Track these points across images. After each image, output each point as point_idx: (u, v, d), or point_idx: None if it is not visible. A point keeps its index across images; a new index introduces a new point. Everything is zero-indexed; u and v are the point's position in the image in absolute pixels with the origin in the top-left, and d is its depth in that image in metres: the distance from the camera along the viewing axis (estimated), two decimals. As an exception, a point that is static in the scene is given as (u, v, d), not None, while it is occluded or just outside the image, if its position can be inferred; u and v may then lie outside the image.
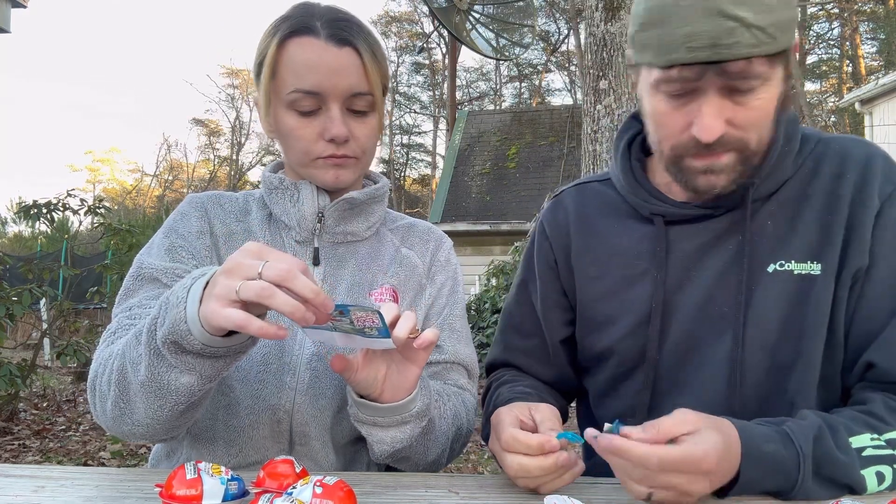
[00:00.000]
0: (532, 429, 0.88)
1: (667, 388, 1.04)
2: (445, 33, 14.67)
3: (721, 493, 0.82)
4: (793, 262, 0.97)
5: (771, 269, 0.98)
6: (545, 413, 0.90)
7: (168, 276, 1.02)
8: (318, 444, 1.05)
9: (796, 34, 0.91)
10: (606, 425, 0.80)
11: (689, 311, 1.02)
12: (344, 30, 1.03)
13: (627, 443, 0.76)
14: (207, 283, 0.77)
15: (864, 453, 0.85)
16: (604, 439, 0.77)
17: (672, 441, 0.77)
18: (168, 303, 0.79)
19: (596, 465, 1.11)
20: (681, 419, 0.78)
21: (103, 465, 4.15)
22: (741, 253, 0.99)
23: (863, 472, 0.83)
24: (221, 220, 1.11)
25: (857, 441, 0.86)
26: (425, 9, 15.33)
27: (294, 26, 1.03)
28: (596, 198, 1.14)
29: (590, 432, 0.79)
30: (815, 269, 0.97)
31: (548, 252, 1.16)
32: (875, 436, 0.86)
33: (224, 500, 0.78)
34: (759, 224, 1.00)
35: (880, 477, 0.84)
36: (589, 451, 1.15)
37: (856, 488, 0.84)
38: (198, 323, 0.76)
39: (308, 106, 1.03)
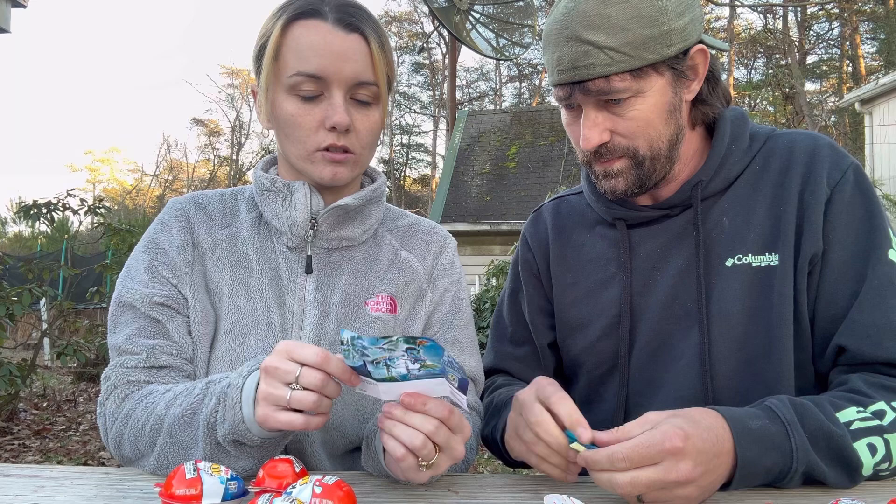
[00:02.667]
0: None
1: (641, 388, 1.07)
2: (445, 33, 14.66)
3: (726, 485, 0.82)
4: (750, 255, 1.01)
5: (729, 263, 1.02)
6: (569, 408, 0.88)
7: (146, 305, 1.01)
8: (314, 461, 1.04)
9: (674, 45, 0.95)
10: (574, 444, 0.82)
11: (656, 311, 1.05)
12: (353, 15, 1.00)
13: (590, 453, 0.78)
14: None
15: (853, 427, 0.86)
16: (578, 458, 0.80)
17: None
18: (225, 403, 0.84)
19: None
20: (643, 419, 0.80)
21: (103, 464, 4.15)
22: (698, 249, 1.02)
23: (854, 445, 0.85)
24: (206, 230, 1.07)
25: (844, 415, 0.87)
26: (425, 9, 15.32)
27: (300, 8, 1.00)
28: (571, 210, 1.20)
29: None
30: (773, 259, 1.00)
31: (531, 262, 1.21)
32: (860, 409, 0.88)
33: (223, 500, 0.78)
34: (714, 220, 1.04)
35: (872, 449, 0.85)
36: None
37: (852, 462, 0.84)
38: (255, 423, 0.82)
39: (310, 91, 0.98)
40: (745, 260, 1.01)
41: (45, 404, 5.74)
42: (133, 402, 0.96)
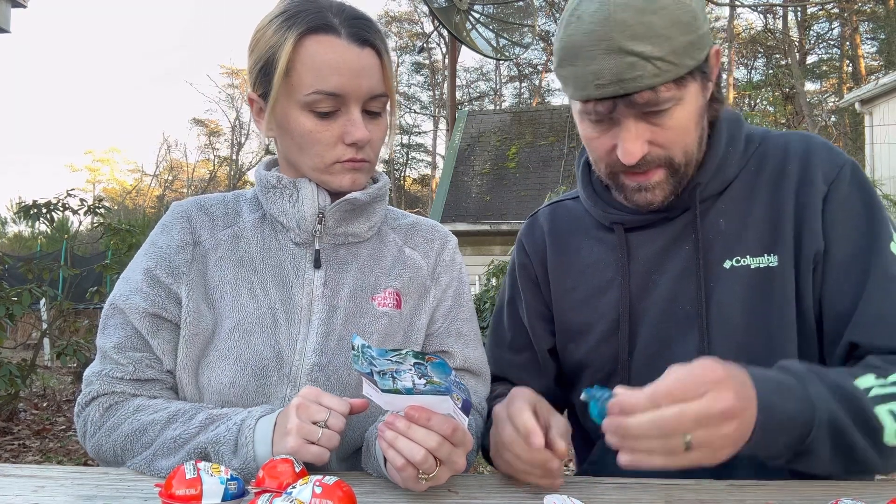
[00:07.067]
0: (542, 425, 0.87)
1: None
2: (445, 33, 14.66)
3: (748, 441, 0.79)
4: (748, 256, 1.00)
5: (728, 265, 1.01)
6: (560, 423, 0.90)
7: (136, 316, 1.02)
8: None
9: (705, 49, 0.94)
10: (583, 395, 0.80)
11: (655, 314, 1.05)
12: (364, 29, 1.01)
13: (628, 395, 0.76)
14: (275, 423, 0.89)
15: (872, 393, 0.84)
16: (610, 405, 0.76)
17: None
18: (236, 447, 0.89)
19: (595, 465, 1.11)
20: (670, 372, 0.77)
21: (103, 465, 4.15)
22: (696, 252, 1.01)
23: (875, 409, 0.83)
24: (209, 230, 1.08)
25: (862, 382, 0.85)
26: (425, 9, 15.32)
27: (312, 22, 0.98)
28: (567, 215, 1.19)
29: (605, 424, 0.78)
30: (772, 261, 0.99)
31: (529, 268, 1.20)
32: (880, 377, 0.86)
33: (223, 500, 0.78)
34: (711, 222, 1.03)
35: (894, 416, 0.83)
36: (588, 451, 1.15)
37: (872, 423, 0.82)
38: (269, 457, 0.85)
39: (327, 107, 0.99)
40: (744, 262, 1.00)
41: (45, 404, 5.75)
42: (119, 417, 0.99)
